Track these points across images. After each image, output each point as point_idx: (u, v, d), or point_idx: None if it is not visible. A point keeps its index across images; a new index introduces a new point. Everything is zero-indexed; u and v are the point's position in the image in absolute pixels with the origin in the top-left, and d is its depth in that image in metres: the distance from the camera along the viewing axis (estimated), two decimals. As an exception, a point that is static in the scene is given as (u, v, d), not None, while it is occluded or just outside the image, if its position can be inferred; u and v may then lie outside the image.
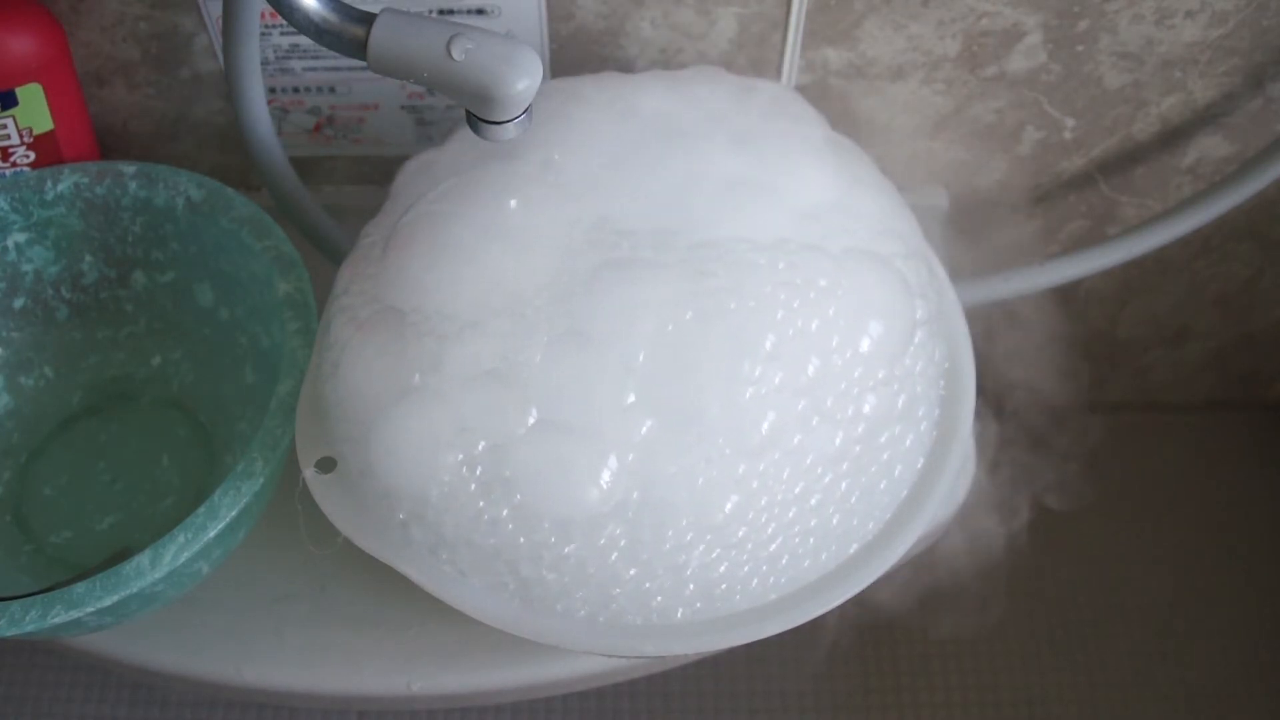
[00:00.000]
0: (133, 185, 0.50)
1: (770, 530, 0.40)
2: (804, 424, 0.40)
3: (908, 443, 0.43)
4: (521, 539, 0.39)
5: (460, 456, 0.39)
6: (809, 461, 0.40)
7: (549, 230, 0.42)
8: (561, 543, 0.39)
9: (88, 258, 0.52)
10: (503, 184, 0.43)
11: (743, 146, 0.44)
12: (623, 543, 0.39)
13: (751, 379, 0.39)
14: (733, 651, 0.41)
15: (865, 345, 0.41)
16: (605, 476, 0.38)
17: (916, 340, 0.43)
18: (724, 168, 0.43)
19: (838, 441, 0.41)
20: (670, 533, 0.39)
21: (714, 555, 0.40)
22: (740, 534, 0.40)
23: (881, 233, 0.44)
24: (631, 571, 0.39)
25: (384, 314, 0.42)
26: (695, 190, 0.43)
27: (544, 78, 0.40)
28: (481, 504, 0.39)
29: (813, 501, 0.41)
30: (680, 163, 0.43)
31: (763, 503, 0.40)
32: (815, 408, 0.40)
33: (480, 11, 0.51)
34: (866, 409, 0.41)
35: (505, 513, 0.39)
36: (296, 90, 0.55)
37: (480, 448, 0.39)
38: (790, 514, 0.40)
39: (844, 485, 0.41)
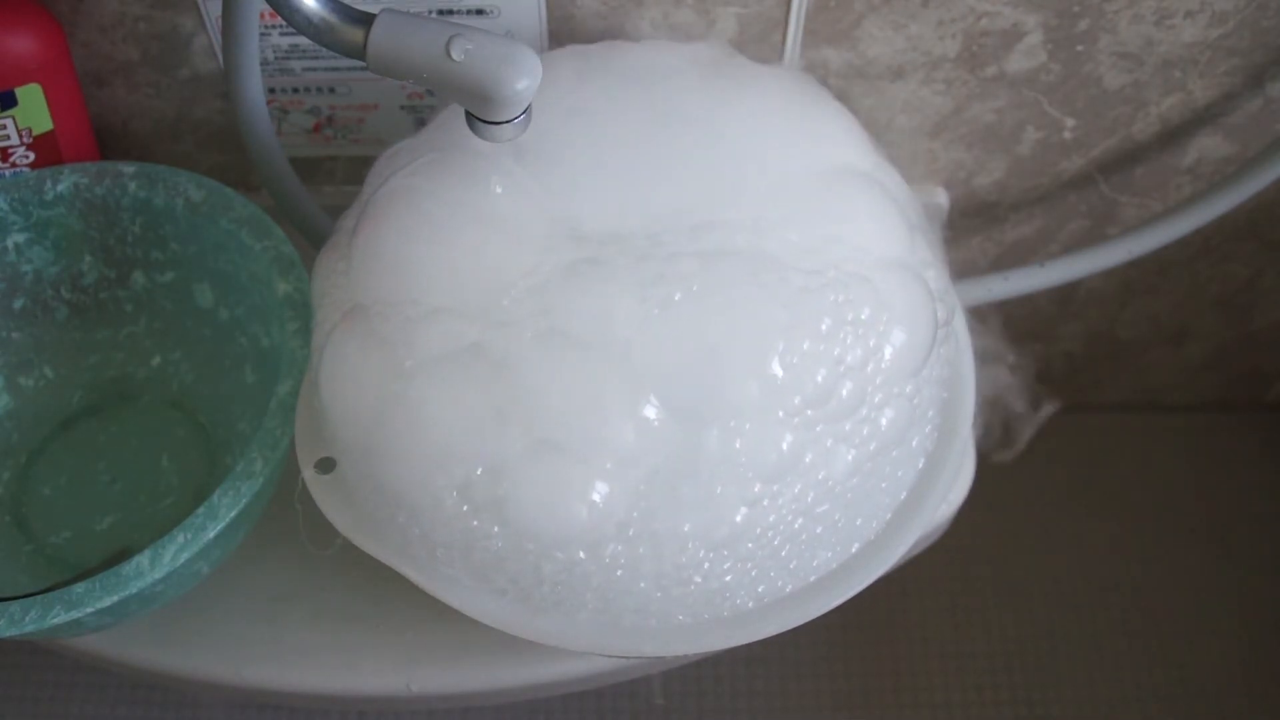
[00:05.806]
0: (132, 185, 0.50)
1: (777, 541, 0.39)
2: (819, 443, 0.39)
3: (912, 445, 0.43)
4: (519, 556, 0.38)
5: (451, 477, 0.38)
6: (821, 476, 0.39)
7: (531, 211, 0.40)
8: (561, 561, 0.38)
9: (87, 258, 0.52)
10: (482, 161, 0.41)
11: (749, 94, 0.42)
12: (624, 560, 0.38)
13: (788, 408, 0.38)
14: (733, 651, 0.41)
15: (892, 364, 0.40)
16: (607, 497, 0.37)
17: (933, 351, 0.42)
18: (735, 115, 0.41)
19: (851, 458, 0.40)
20: (676, 550, 0.38)
21: (723, 568, 0.39)
22: (748, 547, 0.39)
23: (916, 226, 0.43)
24: (640, 585, 0.39)
25: (359, 311, 0.40)
26: (704, 152, 0.40)
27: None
28: (475, 523, 0.38)
29: (820, 510, 0.40)
30: (681, 115, 0.41)
31: (770, 520, 0.39)
32: (832, 430, 0.39)
33: (480, 12, 0.51)
34: (884, 423, 0.40)
35: (498, 529, 0.38)
36: (296, 90, 0.55)
37: (472, 465, 0.37)
38: (798, 524, 0.40)
39: (851, 492, 0.41)
